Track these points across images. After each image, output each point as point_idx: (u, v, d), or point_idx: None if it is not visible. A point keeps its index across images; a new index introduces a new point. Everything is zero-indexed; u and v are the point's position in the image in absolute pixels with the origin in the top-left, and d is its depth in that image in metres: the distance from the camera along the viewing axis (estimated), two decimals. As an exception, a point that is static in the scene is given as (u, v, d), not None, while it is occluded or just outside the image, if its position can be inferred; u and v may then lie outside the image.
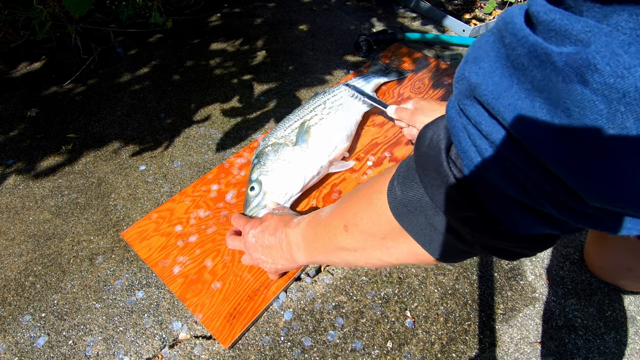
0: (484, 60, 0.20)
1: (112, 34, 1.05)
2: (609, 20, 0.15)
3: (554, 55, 0.16)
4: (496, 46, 0.20)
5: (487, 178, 0.22)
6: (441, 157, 0.25)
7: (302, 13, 1.26)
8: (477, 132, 0.21)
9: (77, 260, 0.64)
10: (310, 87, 0.98)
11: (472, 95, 0.21)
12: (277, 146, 0.71)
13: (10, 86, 0.92)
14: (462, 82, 0.22)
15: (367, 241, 0.38)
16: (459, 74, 0.22)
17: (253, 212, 0.64)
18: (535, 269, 0.68)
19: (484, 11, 1.28)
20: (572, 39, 0.16)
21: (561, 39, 0.16)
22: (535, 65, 0.17)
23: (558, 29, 0.16)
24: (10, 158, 0.78)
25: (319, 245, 0.47)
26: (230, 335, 0.55)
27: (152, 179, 0.76)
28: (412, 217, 0.30)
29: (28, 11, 0.90)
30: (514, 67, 0.18)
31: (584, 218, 0.19)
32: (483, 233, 0.25)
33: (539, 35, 0.17)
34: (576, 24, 0.15)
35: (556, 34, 0.16)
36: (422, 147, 0.27)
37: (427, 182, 0.27)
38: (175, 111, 0.90)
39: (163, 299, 0.60)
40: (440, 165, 0.25)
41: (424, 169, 0.27)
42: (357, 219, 0.38)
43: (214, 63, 1.03)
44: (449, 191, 0.25)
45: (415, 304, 0.62)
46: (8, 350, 0.54)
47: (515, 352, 0.58)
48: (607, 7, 0.15)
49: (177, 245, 0.64)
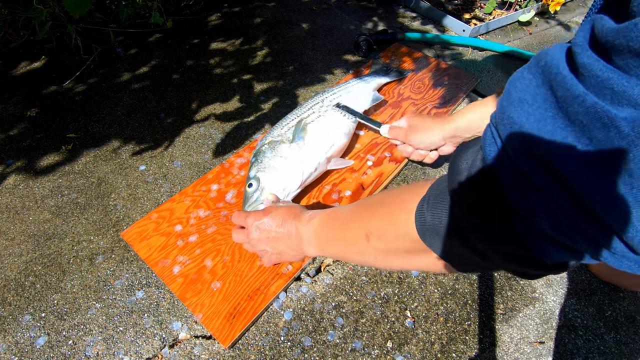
0: (531, 105, 0.21)
1: (112, 34, 1.05)
2: None
3: (619, 120, 0.16)
4: (543, 92, 0.20)
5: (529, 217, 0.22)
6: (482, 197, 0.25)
7: (302, 13, 1.26)
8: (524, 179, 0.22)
9: (77, 260, 0.64)
10: (310, 86, 0.98)
11: (522, 141, 0.21)
12: (274, 144, 0.71)
13: (10, 86, 0.92)
14: (510, 126, 0.22)
15: (389, 252, 0.39)
16: (506, 115, 0.22)
17: (252, 207, 0.65)
18: (535, 269, 0.68)
19: (484, 11, 1.28)
20: (631, 102, 0.16)
21: (619, 100, 0.16)
22: (596, 126, 0.17)
23: (616, 89, 0.16)
24: (10, 158, 0.78)
25: (335, 245, 0.47)
26: (230, 335, 0.55)
27: (152, 178, 0.76)
28: (442, 240, 0.30)
29: (28, 11, 0.90)
30: (570, 121, 0.19)
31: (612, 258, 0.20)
32: (512, 261, 0.26)
33: (590, 89, 0.17)
34: (636, 89, 0.16)
35: (613, 94, 0.17)
36: (456, 181, 0.27)
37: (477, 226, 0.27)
38: (175, 111, 0.90)
39: (163, 298, 0.60)
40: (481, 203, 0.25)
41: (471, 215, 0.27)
42: (380, 233, 0.38)
43: (214, 63, 1.03)
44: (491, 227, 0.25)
45: (415, 304, 0.62)
46: (8, 350, 0.54)
47: (515, 352, 0.58)
48: None
49: (177, 245, 0.64)
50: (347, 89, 0.84)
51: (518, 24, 1.30)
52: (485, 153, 0.24)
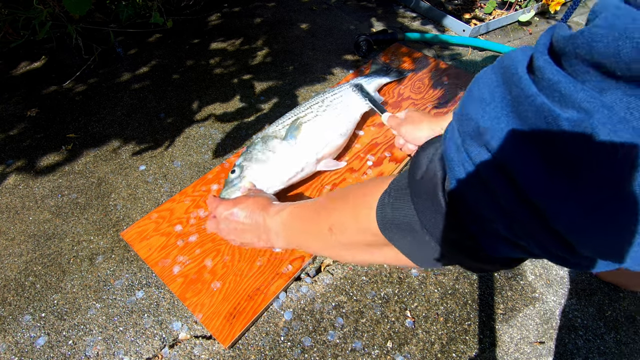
0: (489, 105, 0.22)
1: (112, 34, 1.05)
2: (605, 94, 0.17)
3: (561, 120, 0.17)
4: (501, 91, 0.21)
5: (479, 215, 0.24)
6: (437, 189, 0.26)
7: (302, 13, 1.26)
8: (475, 172, 0.23)
9: (77, 260, 0.64)
10: (310, 86, 0.98)
11: (477, 136, 0.22)
12: (267, 138, 0.72)
13: (10, 86, 0.92)
14: (468, 123, 0.23)
15: (352, 246, 0.39)
16: (464, 112, 0.23)
17: (229, 192, 0.66)
18: (535, 269, 0.68)
19: (484, 11, 1.28)
20: (575, 106, 0.17)
21: (565, 103, 0.18)
22: (541, 125, 0.19)
23: (563, 92, 0.18)
24: (10, 158, 0.78)
25: (302, 237, 0.49)
26: (230, 335, 0.55)
27: (152, 178, 0.76)
28: (402, 234, 0.31)
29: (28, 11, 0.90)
30: (521, 119, 0.20)
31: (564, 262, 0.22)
32: (466, 256, 0.27)
33: (542, 91, 0.19)
34: (580, 93, 0.17)
35: (561, 97, 0.18)
36: (417, 175, 0.28)
37: (420, 208, 0.28)
38: (175, 111, 0.90)
39: (163, 298, 0.60)
40: (436, 196, 0.26)
41: (418, 196, 0.28)
42: (343, 228, 0.39)
43: (214, 63, 1.03)
44: (442, 220, 0.26)
45: (415, 304, 0.62)
46: (8, 350, 0.54)
47: (515, 352, 0.58)
48: (604, 82, 0.17)
49: (177, 245, 0.64)
50: (349, 90, 0.84)
51: (518, 24, 1.30)
52: (444, 148, 0.25)
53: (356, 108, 0.82)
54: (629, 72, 0.16)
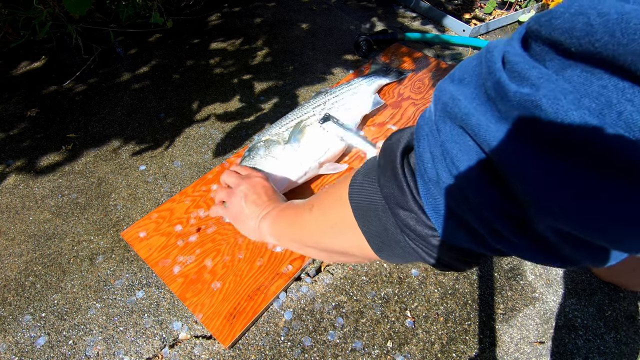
0: (468, 86, 0.22)
1: (112, 34, 1.05)
2: (564, 72, 0.17)
3: (510, 94, 0.19)
4: (477, 71, 0.22)
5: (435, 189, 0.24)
6: (397, 155, 0.27)
7: (302, 13, 1.26)
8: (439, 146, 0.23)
9: (77, 260, 0.64)
10: (310, 86, 0.98)
11: (449, 111, 0.23)
12: (269, 142, 0.72)
13: (10, 86, 0.92)
14: (443, 98, 0.24)
15: (323, 222, 0.40)
16: (443, 89, 0.24)
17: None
18: (535, 269, 0.68)
19: (484, 11, 1.28)
20: (528, 82, 0.18)
21: (520, 81, 0.19)
22: (499, 98, 0.19)
23: (519, 71, 0.19)
24: (10, 158, 0.78)
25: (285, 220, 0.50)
26: (230, 335, 0.55)
27: (152, 178, 0.76)
28: (365, 209, 0.32)
29: (28, 11, 0.90)
30: (486, 95, 0.21)
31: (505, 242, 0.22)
32: (420, 237, 0.27)
33: (507, 72, 0.20)
34: (533, 70, 0.18)
35: (518, 75, 0.19)
36: (386, 145, 0.29)
37: (380, 177, 0.29)
38: (175, 111, 0.90)
39: (163, 298, 0.60)
40: (394, 162, 0.27)
41: (382, 164, 0.29)
42: (322, 203, 0.41)
43: (214, 63, 1.03)
44: (397, 187, 0.27)
45: (415, 304, 0.62)
46: (8, 350, 0.54)
47: (515, 352, 0.58)
48: (565, 61, 0.17)
49: (177, 245, 0.64)
50: (350, 92, 0.84)
51: (518, 24, 1.30)
52: (416, 126, 0.26)
53: (358, 111, 0.82)
54: (580, 48, 0.16)
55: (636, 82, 0.15)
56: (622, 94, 0.15)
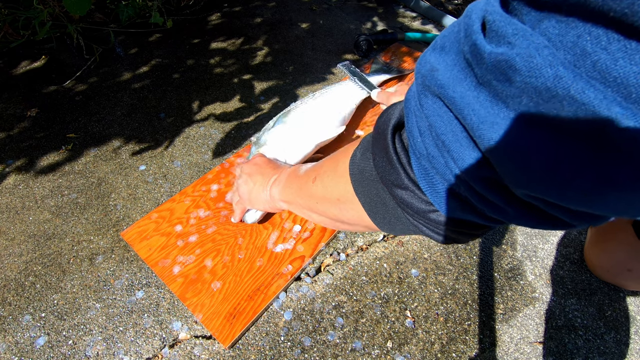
0: (449, 53, 0.22)
1: (112, 34, 1.05)
2: (540, 25, 0.16)
3: (485, 56, 0.18)
4: (457, 37, 0.21)
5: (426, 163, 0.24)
6: (387, 132, 0.27)
7: (302, 13, 1.26)
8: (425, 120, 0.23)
9: (77, 260, 0.64)
10: (310, 86, 0.98)
11: (430, 87, 0.22)
12: (260, 134, 0.76)
13: (10, 86, 0.92)
14: (422, 70, 0.23)
15: (327, 199, 0.40)
16: (424, 60, 0.24)
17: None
18: (535, 269, 0.68)
19: (484, 11, 1.28)
20: (504, 41, 0.17)
21: (498, 40, 0.18)
22: (475, 63, 0.19)
23: (496, 30, 0.18)
24: (10, 158, 0.78)
25: (291, 189, 0.51)
26: (230, 335, 0.55)
27: (152, 178, 0.76)
28: (365, 186, 0.32)
29: (28, 11, 0.90)
30: (465, 61, 0.20)
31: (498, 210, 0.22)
32: (418, 213, 0.27)
33: (486, 33, 0.19)
34: (509, 27, 0.17)
35: (495, 35, 0.18)
36: (378, 121, 0.29)
37: (375, 156, 0.29)
38: (175, 111, 0.89)
39: (163, 298, 0.60)
40: (385, 140, 0.27)
41: (374, 142, 0.29)
42: (324, 176, 0.41)
43: (214, 63, 1.03)
44: (389, 165, 0.27)
45: (415, 304, 0.62)
46: (8, 350, 0.54)
47: (515, 352, 0.58)
48: (540, 14, 0.16)
49: (177, 245, 0.64)
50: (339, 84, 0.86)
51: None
52: (404, 100, 0.26)
53: (350, 96, 0.83)
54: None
55: (610, 27, 0.14)
56: (596, 42, 0.15)
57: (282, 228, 0.67)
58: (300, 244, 0.65)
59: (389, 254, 0.68)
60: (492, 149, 0.18)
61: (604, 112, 0.14)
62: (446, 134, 0.21)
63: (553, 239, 0.73)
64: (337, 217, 0.40)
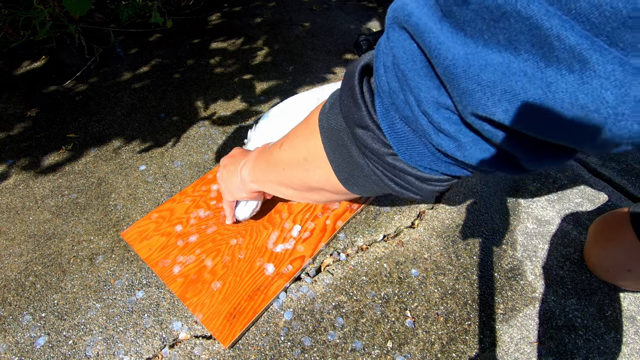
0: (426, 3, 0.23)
1: (113, 34, 1.05)
2: None
3: None
4: None
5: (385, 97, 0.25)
6: (355, 72, 0.28)
7: (302, 13, 1.26)
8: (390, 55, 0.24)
9: (77, 260, 0.64)
10: (310, 86, 0.98)
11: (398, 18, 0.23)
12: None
13: (10, 86, 0.92)
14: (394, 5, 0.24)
15: (293, 157, 0.40)
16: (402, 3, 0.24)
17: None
18: (535, 269, 0.68)
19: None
20: None
21: None
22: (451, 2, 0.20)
23: None
24: (10, 158, 0.78)
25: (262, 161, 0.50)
26: (230, 335, 0.55)
27: (152, 178, 0.76)
28: (332, 136, 0.32)
29: (28, 11, 0.90)
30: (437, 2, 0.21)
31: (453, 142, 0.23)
32: (377, 156, 0.28)
33: None
34: None
35: None
36: (348, 67, 0.30)
37: (342, 95, 0.30)
38: (175, 111, 0.90)
39: (163, 298, 0.60)
40: (352, 79, 0.28)
41: (343, 84, 0.30)
42: (292, 138, 0.41)
43: (214, 63, 1.03)
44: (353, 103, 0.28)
45: (415, 304, 0.62)
46: (8, 350, 0.54)
47: (515, 352, 0.58)
48: None
49: (177, 245, 0.64)
50: None
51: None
52: (376, 45, 0.27)
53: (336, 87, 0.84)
54: None
55: None
56: None
57: (282, 228, 0.67)
58: (300, 244, 0.65)
59: (389, 254, 0.68)
60: (448, 67, 0.20)
61: (545, 24, 0.16)
62: (406, 64, 0.22)
63: (553, 239, 0.73)
64: (304, 182, 0.40)
